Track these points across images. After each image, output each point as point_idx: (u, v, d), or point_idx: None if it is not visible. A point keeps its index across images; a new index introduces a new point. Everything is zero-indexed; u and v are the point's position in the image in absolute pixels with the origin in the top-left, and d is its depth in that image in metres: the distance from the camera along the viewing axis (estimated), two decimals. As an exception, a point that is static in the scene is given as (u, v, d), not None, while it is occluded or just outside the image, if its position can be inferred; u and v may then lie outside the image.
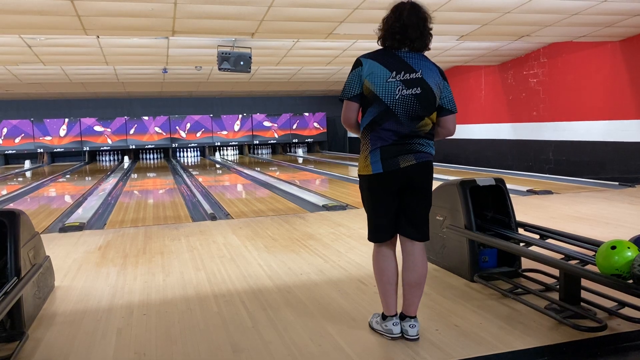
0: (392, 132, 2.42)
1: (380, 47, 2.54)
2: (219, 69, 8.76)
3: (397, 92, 2.39)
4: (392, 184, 2.45)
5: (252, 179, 11.55)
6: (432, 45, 2.58)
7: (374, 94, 2.42)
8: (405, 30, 2.41)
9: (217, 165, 16.55)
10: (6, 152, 18.41)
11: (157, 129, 19.63)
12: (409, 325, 2.51)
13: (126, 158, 19.68)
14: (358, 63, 2.50)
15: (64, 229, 5.70)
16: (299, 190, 8.86)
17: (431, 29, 2.47)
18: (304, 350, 2.48)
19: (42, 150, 18.66)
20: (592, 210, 5.96)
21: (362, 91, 2.46)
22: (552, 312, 2.72)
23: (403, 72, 2.41)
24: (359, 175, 2.56)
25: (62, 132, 18.80)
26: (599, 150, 9.10)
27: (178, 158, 20.02)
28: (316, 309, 3.03)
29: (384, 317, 2.58)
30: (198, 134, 20.00)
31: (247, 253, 4.43)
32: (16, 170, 16.16)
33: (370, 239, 2.60)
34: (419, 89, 2.41)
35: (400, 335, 2.53)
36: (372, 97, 2.43)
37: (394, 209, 2.51)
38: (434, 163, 2.53)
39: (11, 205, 8.23)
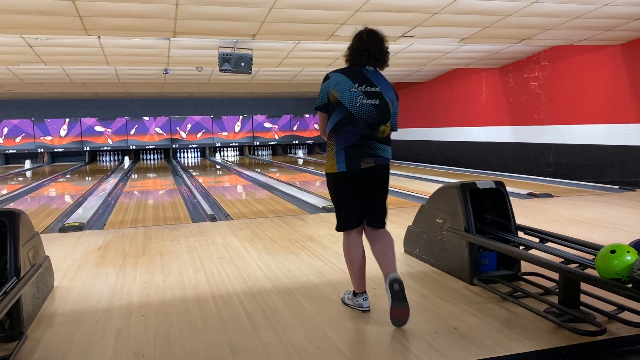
0: (354, 134, 2.79)
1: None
2: (220, 70, 8.77)
3: (358, 101, 2.79)
4: (354, 181, 2.85)
5: (252, 180, 11.55)
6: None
7: (338, 101, 2.80)
8: (367, 48, 2.84)
9: (218, 166, 16.55)
10: (7, 151, 18.42)
11: (157, 129, 19.64)
12: (393, 275, 2.79)
13: (126, 158, 19.68)
14: (326, 78, 2.89)
15: (64, 229, 5.70)
16: (298, 191, 8.86)
17: (387, 48, 2.91)
18: (302, 351, 2.47)
19: (42, 150, 18.67)
20: (592, 213, 5.95)
21: (329, 101, 2.85)
22: (551, 316, 2.72)
23: (365, 85, 2.81)
24: (326, 173, 2.94)
25: (63, 132, 18.81)
26: (599, 153, 9.10)
27: (178, 159, 20.03)
28: (315, 311, 3.02)
29: (355, 294, 3.02)
30: (198, 135, 20.01)
31: (246, 254, 4.43)
32: (16, 170, 16.17)
33: (338, 229, 3.00)
34: (377, 100, 2.81)
35: (369, 309, 2.96)
36: (337, 104, 2.81)
37: (359, 202, 2.91)
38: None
39: (11, 205, 8.23)
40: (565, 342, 2.50)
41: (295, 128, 20.64)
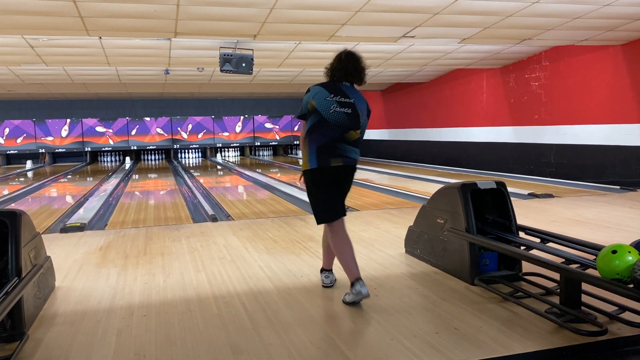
0: (325, 136, 3.11)
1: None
2: (221, 71, 8.77)
3: (331, 108, 3.12)
4: (325, 177, 3.16)
5: (253, 180, 11.55)
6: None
7: (315, 108, 3.14)
8: (345, 67, 3.21)
9: (219, 167, 16.56)
10: (8, 152, 18.45)
11: (158, 130, 19.66)
12: (361, 285, 3.01)
13: (128, 159, 19.70)
14: (308, 90, 3.26)
15: (65, 230, 5.70)
16: (299, 192, 8.85)
17: (364, 67, 3.27)
18: (303, 352, 2.47)
19: (43, 150, 18.70)
20: (593, 214, 5.95)
21: (308, 111, 3.18)
22: (552, 316, 2.71)
23: (339, 96, 3.16)
24: (302, 171, 3.24)
25: (64, 133, 18.83)
26: (600, 154, 9.09)
27: (179, 159, 20.05)
28: (316, 311, 3.03)
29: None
30: (199, 135, 20.02)
31: (247, 254, 4.43)
32: (18, 171, 16.19)
33: (319, 222, 3.28)
34: (349, 109, 3.15)
35: (330, 286, 3.44)
36: (313, 110, 3.15)
37: (332, 195, 3.21)
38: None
39: (12, 206, 8.24)
40: (566, 343, 2.50)
41: (296, 128, 20.64)
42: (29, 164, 18.36)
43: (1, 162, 18.48)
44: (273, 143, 20.74)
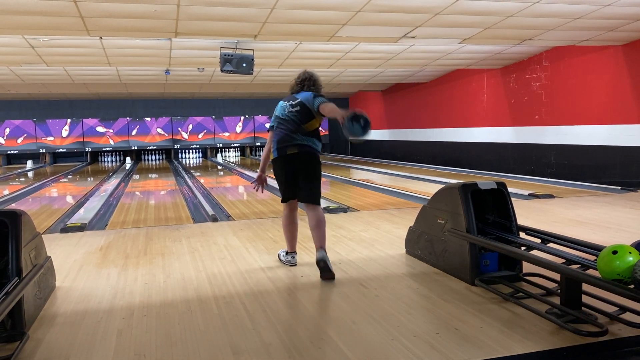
0: (283, 131, 3.85)
1: None
2: (222, 71, 8.78)
3: (286, 110, 3.90)
4: (285, 164, 3.85)
5: (254, 180, 11.53)
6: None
7: (276, 115, 3.96)
8: (302, 83, 4.02)
9: (219, 167, 16.57)
10: (8, 152, 18.46)
11: (159, 130, 19.66)
12: (319, 254, 3.69)
13: (128, 159, 19.71)
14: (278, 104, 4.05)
15: (66, 230, 5.70)
16: (300, 192, 8.85)
17: (318, 81, 4.08)
18: (304, 352, 2.47)
19: (44, 150, 18.71)
20: (593, 214, 5.95)
21: (277, 116, 3.96)
22: (553, 317, 2.71)
23: (291, 101, 3.93)
24: (271, 160, 3.99)
25: (65, 133, 18.84)
26: (601, 154, 9.09)
27: (180, 159, 20.05)
28: (316, 311, 3.03)
29: (287, 253, 4.08)
30: (200, 136, 20.02)
31: (247, 255, 4.43)
32: (18, 171, 16.20)
33: (282, 201, 4.01)
34: (298, 107, 3.86)
35: (296, 264, 4.00)
36: (275, 117, 3.96)
37: (291, 182, 3.87)
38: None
39: (13, 206, 8.25)
40: (566, 343, 2.49)
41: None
42: (29, 164, 18.37)
43: (2, 162, 18.49)
44: (273, 143, 20.74)
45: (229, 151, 20.86)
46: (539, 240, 3.48)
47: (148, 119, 19.57)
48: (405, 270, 3.86)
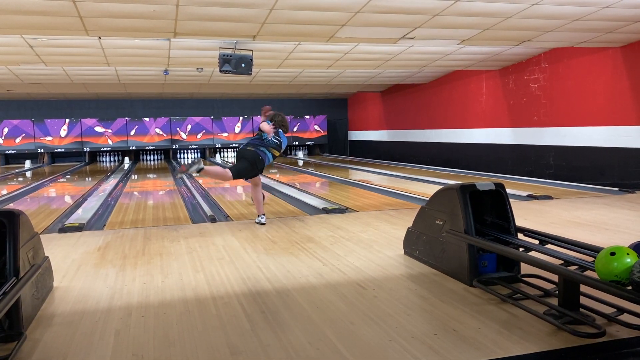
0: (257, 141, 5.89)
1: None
2: (220, 71, 8.76)
3: (272, 142, 5.82)
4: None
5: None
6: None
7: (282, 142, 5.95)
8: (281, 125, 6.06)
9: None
10: (7, 151, 18.43)
11: (157, 130, 19.64)
12: (260, 216, 5.86)
13: (126, 159, 19.69)
14: (277, 133, 6.02)
15: (64, 230, 5.69)
16: (298, 193, 8.86)
17: (285, 122, 6.17)
18: (301, 353, 2.47)
19: (42, 150, 18.68)
20: (592, 216, 5.95)
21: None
22: (551, 318, 2.71)
23: (277, 138, 5.88)
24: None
25: (63, 133, 18.81)
26: (599, 156, 9.10)
27: (178, 159, 20.04)
28: (314, 312, 3.02)
29: (258, 216, 5.87)
30: (199, 136, 20.01)
31: (246, 255, 4.43)
32: (16, 170, 16.17)
33: (233, 178, 5.66)
34: (279, 142, 5.87)
35: (264, 223, 5.79)
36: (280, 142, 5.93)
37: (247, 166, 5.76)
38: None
39: (11, 205, 8.24)
40: (564, 344, 2.50)
41: (295, 129, 20.64)
42: (27, 163, 18.34)
43: (0, 162, 18.46)
44: (272, 144, 20.72)
45: (227, 151, 20.85)
46: (537, 242, 3.49)
47: (147, 119, 19.55)
48: (404, 271, 3.86)
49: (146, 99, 19.55)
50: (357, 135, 20.91)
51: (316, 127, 20.97)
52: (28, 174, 15.12)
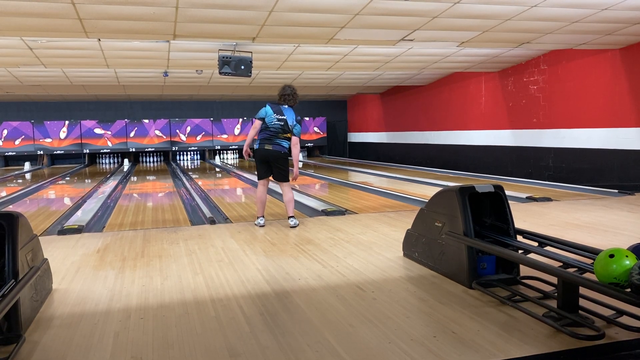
0: (266, 133, 5.69)
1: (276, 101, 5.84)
2: (220, 73, 8.77)
3: (273, 121, 5.67)
4: (262, 156, 5.74)
5: (252, 183, 11.53)
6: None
7: (264, 120, 5.68)
8: (284, 95, 5.79)
9: (217, 169, 16.55)
10: (6, 153, 18.43)
11: (157, 132, 19.64)
12: (290, 220, 5.75)
13: (126, 161, 19.68)
14: (264, 105, 5.77)
15: (63, 232, 5.69)
16: (298, 194, 8.85)
17: (296, 94, 5.85)
18: (301, 355, 2.47)
19: (42, 152, 18.68)
20: (591, 217, 5.96)
21: (264, 117, 5.70)
22: (550, 320, 2.71)
23: (277, 114, 5.69)
24: (253, 150, 5.83)
25: (62, 135, 18.81)
26: (598, 157, 9.11)
27: (178, 161, 20.04)
28: (314, 315, 3.02)
29: (257, 218, 5.88)
30: (198, 138, 20.01)
31: (245, 257, 4.43)
32: (16, 172, 16.16)
33: (258, 179, 5.87)
34: (282, 122, 5.68)
35: (263, 225, 5.84)
36: (264, 121, 5.69)
37: (266, 167, 5.78)
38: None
39: (10, 207, 8.23)
40: (563, 347, 2.50)
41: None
42: (27, 165, 18.33)
43: (-1, 164, 18.47)
44: (272, 145, 20.73)
45: (227, 153, 20.86)
46: (536, 244, 3.48)
47: (146, 120, 19.55)
48: (403, 273, 3.86)
49: (146, 101, 19.55)
50: (356, 137, 20.92)
51: (316, 128, 20.98)
52: (27, 175, 15.11)
